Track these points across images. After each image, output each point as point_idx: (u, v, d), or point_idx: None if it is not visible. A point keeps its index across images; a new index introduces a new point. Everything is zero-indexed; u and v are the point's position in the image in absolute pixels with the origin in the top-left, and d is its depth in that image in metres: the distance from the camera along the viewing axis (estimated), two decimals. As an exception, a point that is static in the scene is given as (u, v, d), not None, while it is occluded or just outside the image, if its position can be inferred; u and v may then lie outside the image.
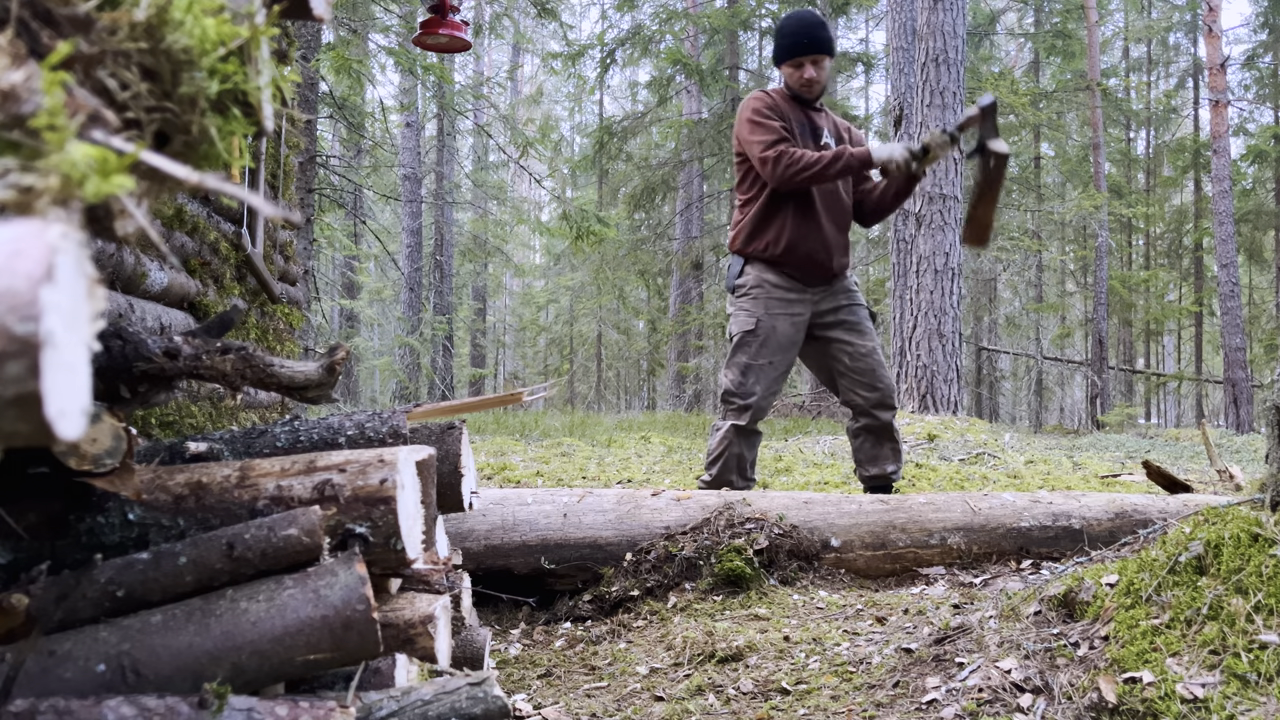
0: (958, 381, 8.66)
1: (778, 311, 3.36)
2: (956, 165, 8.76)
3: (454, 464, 1.82)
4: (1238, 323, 14.00)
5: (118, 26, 0.74)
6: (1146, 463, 3.38)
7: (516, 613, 2.58)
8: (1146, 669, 1.47)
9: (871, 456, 3.46)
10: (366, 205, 16.30)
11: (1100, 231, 14.96)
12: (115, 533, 1.19)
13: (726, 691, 1.86)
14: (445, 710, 1.17)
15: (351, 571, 1.14)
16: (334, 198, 10.68)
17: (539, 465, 5.51)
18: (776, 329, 3.35)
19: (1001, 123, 14.82)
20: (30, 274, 0.55)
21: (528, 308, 23.45)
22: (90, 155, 0.62)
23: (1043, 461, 6.22)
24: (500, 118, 11.91)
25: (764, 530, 2.55)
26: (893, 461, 3.47)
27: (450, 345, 17.66)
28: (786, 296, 3.37)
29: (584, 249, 9.08)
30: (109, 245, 1.84)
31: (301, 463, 1.29)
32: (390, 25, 9.91)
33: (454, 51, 5.08)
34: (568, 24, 12.27)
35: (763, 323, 3.34)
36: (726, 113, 13.85)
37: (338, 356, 1.34)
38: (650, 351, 17.53)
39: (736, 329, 3.41)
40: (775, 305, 3.36)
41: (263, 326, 2.92)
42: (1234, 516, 1.63)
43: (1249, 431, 12.87)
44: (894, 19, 10.18)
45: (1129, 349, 21.08)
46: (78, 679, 1.02)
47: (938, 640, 1.89)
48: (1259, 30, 17.79)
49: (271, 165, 3.03)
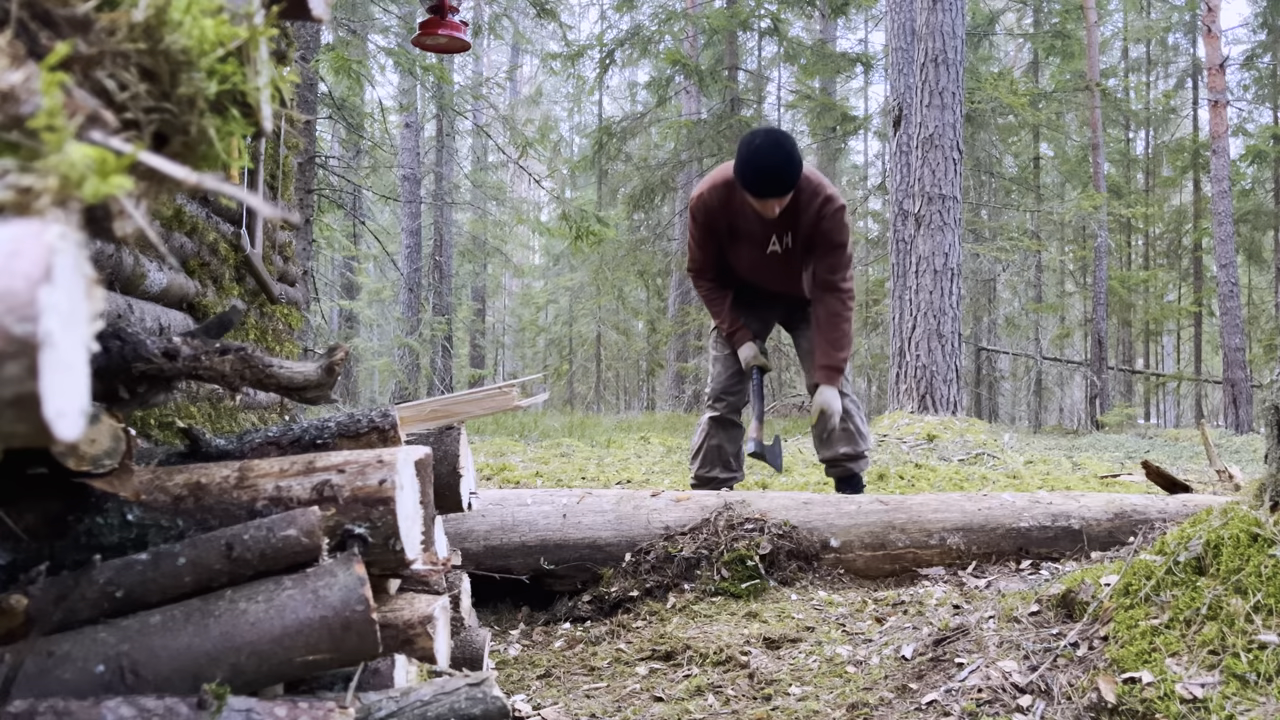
0: (957, 382, 8.66)
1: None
2: (956, 166, 8.76)
3: (452, 464, 1.82)
4: (1237, 323, 14.00)
5: (116, 27, 0.74)
6: (1146, 463, 3.38)
7: (516, 613, 2.58)
8: (1146, 669, 1.47)
9: (822, 440, 3.54)
10: (366, 206, 16.29)
11: (1099, 232, 14.96)
12: (114, 533, 1.19)
13: (726, 691, 1.86)
14: (444, 711, 1.17)
15: (350, 572, 1.14)
16: (333, 198, 10.67)
17: (538, 466, 5.51)
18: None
19: (1001, 123, 14.84)
20: (29, 274, 0.55)
21: (527, 308, 23.43)
22: (89, 156, 0.62)
23: (1042, 462, 6.22)
24: (499, 118, 11.91)
25: (765, 533, 2.55)
26: (845, 443, 3.49)
27: (449, 346, 17.65)
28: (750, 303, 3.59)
29: (583, 249, 9.08)
30: (108, 246, 1.84)
31: (300, 463, 1.29)
32: (389, 26, 9.91)
33: (453, 52, 5.08)
34: (567, 24, 12.27)
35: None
36: (725, 113, 13.86)
37: (337, 357, 1.34)
38: (649, 352, 17.53)
39: (711, 324, 3.66)
40: (739, 305, 3.56)
41: (262, 327, 2.92)
42: (1233, 516, 1.63)
43: (1248, 431, 12.87)
44: (893, 19, 10.18)
45: (1128, 349, 21.09)
46: (77, 680, 1.02)
47: (937, 641, 1.89)
48: (1258, 30, 17.80)
49: (270, 166, 3.03)
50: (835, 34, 16.90)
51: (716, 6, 14.93)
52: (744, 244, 3.32)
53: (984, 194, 16.12)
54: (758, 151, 3.04)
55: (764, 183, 3.04)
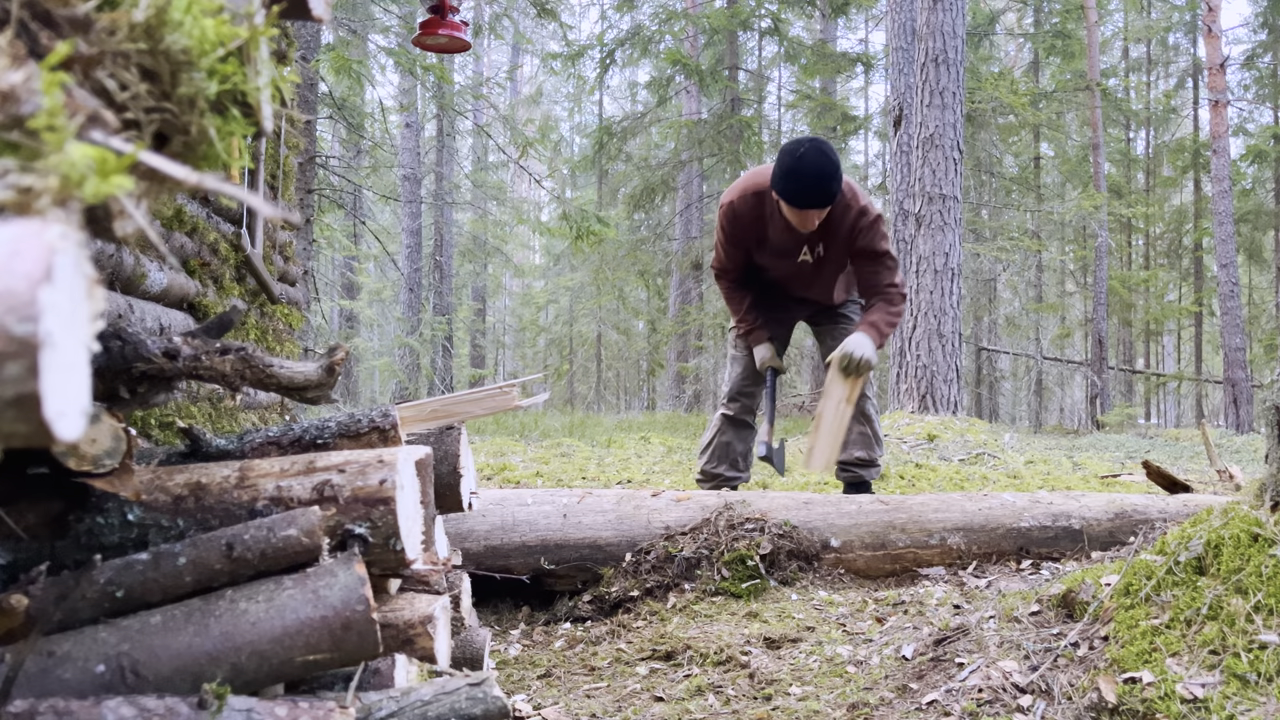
0: (957, 382, 8.66)
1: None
2: (957, 165, 8.76)
3: (453, 464, 1.82)
4: (1237, 323, 14.00)
5: (117, 27, 0.74)
6: (1146, 463, 3.38)
7: (516, 613, 2.58)
8: (1146, 669, 1.47)
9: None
10: (366, 206, 16.29)
11: (1100, 231, 14.96)
12: (115, 533, 1.19)
13: (726, 691, 1.86)
14: (445, 710, 1.17)
15: (351, 572, 1.14)
16: (334, 198, 10.67)
17: (538, 466, 5.51)
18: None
19: (1002, 122, 14.83)
20: (29, 274, 0.55)
21: (527, 308, 23.43)
22: (89, 156, 0.62)
23: (1042, 461, 6.22)
24: (500, 118, 11.91)
25: (766, 533, 2.55)
26: (861, 447, 3.46)
27: (450, 346, 17.65)
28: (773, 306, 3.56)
29: (584, 249, 9.08)
30: (108, 246, 1.84)
31: (301, 463, 1.29)
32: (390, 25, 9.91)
33: (453, 52, 5.08)
34: (567, 24, 12.27)
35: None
36: (726, 113, 13.85)
37: (337, 357, 1.34)
38: (650, 352, 17.52)
39: (730, 324, 3.63)
40: (760, 307, 3.53)
41: (262, 327, 2.92)
42: (1234, 516, 1.63)
43: (1249, 431, 12.87)
44: (894, 19, 10.18)
45: (1129, 349, 21.07)
46: (77, 679, 1.02)
47: (938, 640, 1.89)
48: (1258, 30, 17.78)
49: (271, 166, 3.03)
50: (836, 34, 16.88)
51: (717, 6, 14.92)
52: (773, 253, 3.28)
53: (984, 194, 16.12)
54: (803, 161, 2.94)
55: (808, 194, 2.96)
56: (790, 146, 3.02)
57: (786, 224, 3.14)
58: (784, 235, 3.19)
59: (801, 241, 3.21)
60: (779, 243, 3.23)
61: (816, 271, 3.31)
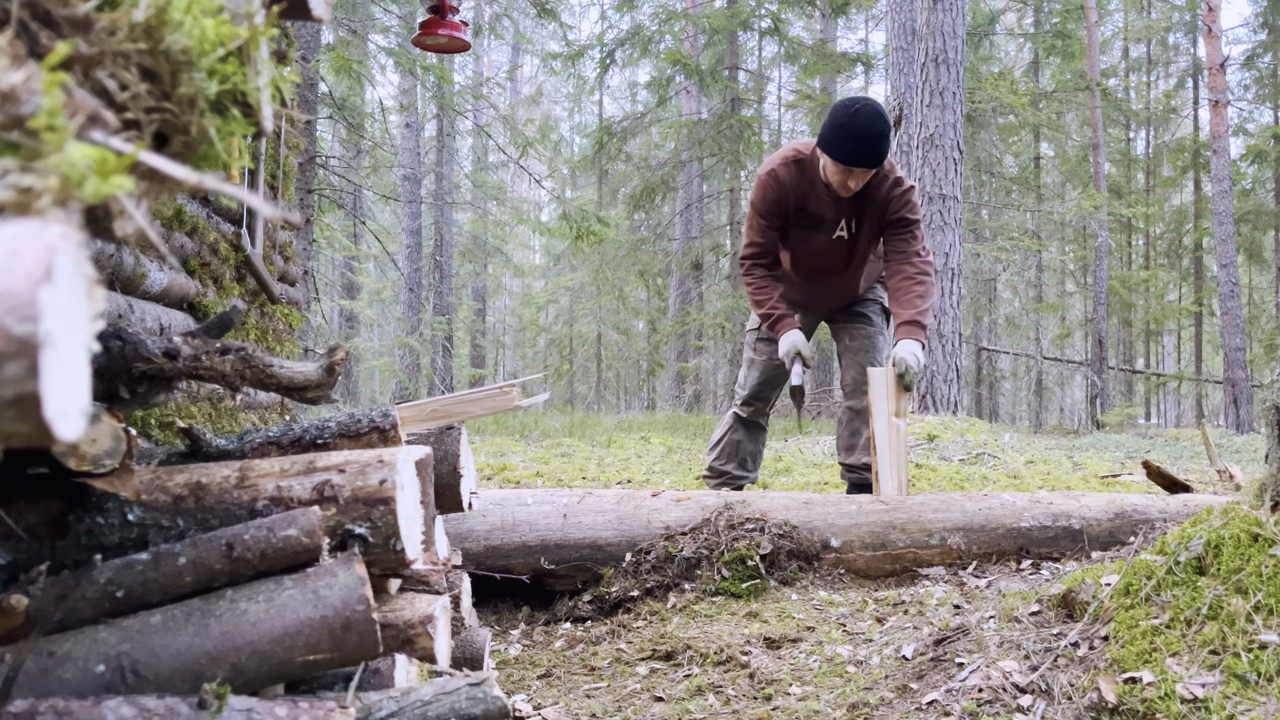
0: (958, 382, 8.66)
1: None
2: (957, 165, 8.76)
3: (453, 464, 1.82)
4: (1238, 323, 14.00)
5: (117, 27, 0.74)
6: (1146, 463, 3.38)
7: (516, 613, 2.58)
8: (1146, 669, 1.47)
9: (848, 444, 3.51)
10: (366, 206, 16.29)
11: (1100, 231, 14.96)
12: (115, 533, 1.19)
13: (726, 691, 1.86)
14: (445, 710, 1.17)
15: (351, 572, 1.14)
16: (334, 198, 10.67)
17: (539, 466, 5.51)
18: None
19: (1002, 122, 14.84)
20: (29, 274, 0.55)
21: (527, 308, 23.43)
22: (89, 156, 0.62)
23: (1043, 461, 6.21)
24: (500, 118, 11.90)
25: (766, 533, 2.55)
26: (868, 452, 3.45)
27: (450, 346, 17.65)
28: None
29: (584, 249, 9.08)
30: (108, 246, 1.84)
31: (301, 463, 1.29)
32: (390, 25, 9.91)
33: (453, 52, 5.08)
34: (567, 24, 12.27)
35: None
36: (726, 113, 13.85)
37: (337, 357, 1.34)
38: (650, 352, 17.52)
39: (749, 325, 3.59)
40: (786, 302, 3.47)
41: (262, 327, 2.92)
42: (1234, 516, 1.63)
43: (1249, 431, 12.86)
44: (894, 19, 10.18)
45: (1129, 349, 21.08)
46: (77, 680, 1.02)
47: (938, 640, 1.89)
48: (1258, 30, 17.79)
49: (271, 166, 3.03)
50: (836, 34, 16.89)
51: (717, 6, 14.93)
52: (810, 227, 3.24)
53: (984, 194, 16.12)
54: (858, 117, 2.94)
55: (859, 154, 2.96)
56: (845, 102, 3.00)
57: (828, 192, 3.12)
58: (824, 207, 3.17)
59: (840, 215, 3.18)
60: (817, 213, 3.19)
61: (850, 250, 3.27)
